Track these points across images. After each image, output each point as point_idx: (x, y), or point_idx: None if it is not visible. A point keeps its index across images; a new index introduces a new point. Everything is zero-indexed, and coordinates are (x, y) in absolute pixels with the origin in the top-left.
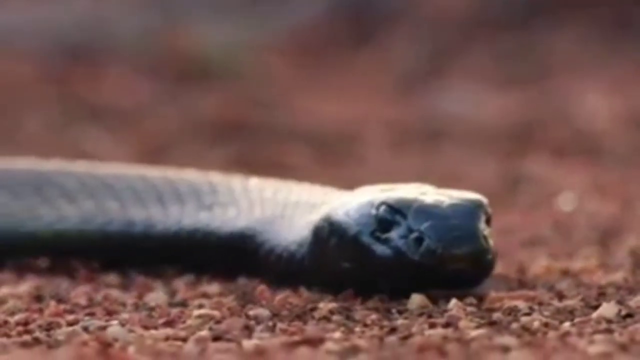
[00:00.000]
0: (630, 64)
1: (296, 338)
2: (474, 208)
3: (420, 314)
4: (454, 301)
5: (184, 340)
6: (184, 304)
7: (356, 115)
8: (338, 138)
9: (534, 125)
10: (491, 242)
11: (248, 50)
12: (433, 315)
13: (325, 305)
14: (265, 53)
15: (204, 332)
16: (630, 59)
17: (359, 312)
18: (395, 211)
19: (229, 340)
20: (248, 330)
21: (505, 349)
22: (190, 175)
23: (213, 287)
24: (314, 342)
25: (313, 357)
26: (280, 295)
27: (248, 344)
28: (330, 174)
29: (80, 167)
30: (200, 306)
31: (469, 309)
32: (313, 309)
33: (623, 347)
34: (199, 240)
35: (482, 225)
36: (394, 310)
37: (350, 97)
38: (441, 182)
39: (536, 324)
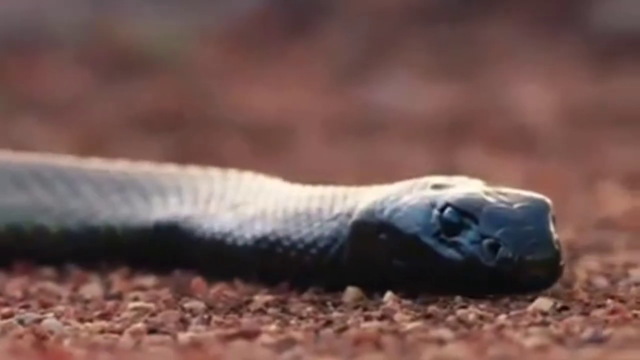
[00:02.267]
0: (566, 56)
1: (232, 331)
2: (544, 211)
3: (356, 307)
4: (389, 294)
5: (120, 333)
6: (119, 296)
7: (292, 106)
8: (274, 129)
9: (469, 117)
10: (560, 245)
11: (185, 41)
12: (368, 308)
13: (261, 298)
14: (202, 44)
15: (140, 325)
16: (566, 51)
17: (295, 304)
18: (463, 214)
19: (164, 332)
20: (183, 323)
21: (441, 342)
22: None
23: (148, 280)
24: (250, 335)
25: (249, 349)
26: (216, 288)
27: (183, 336)
28: (266, 165)
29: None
30: (136, 299)
31: (404, 301)
32: (248, 302)
33: (559, 340)
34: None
35: (553, 228)
36: (329, 303)
37: (287, 88)
38: (378, 173)
39: (472, 316)
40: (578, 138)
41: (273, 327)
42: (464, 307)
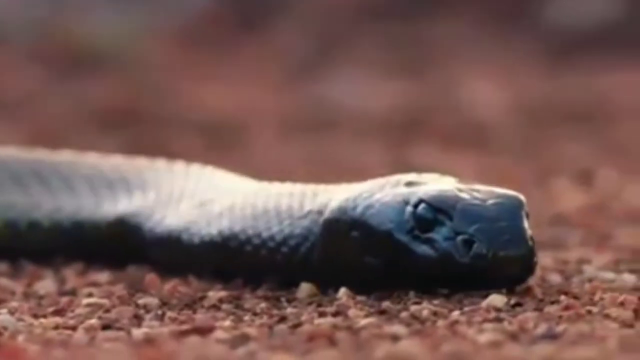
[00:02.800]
0: (519, 53)
1: (186, 327)
2: (518, 207)
3: (310, 303)
4: (343, 290)
5: (74, 329)
6: (73, 292)
7: (245, 103)
8: (227, 126)
9: (422, 114)
10: (534, 242)
11: (138, 38)
12: (322, 304)
13: (215, 294)
14: (155, 41)
15: (94, 321)
16: (518, 48)
17: (249, 300)
18: (437, 210)
19: (118, 328)
20: (137, 319)
21: (395, 338)
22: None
23: (103, 276)
24: (204, 331)
25: (203, 345)
26: (170, 284)
27: (137, 332)
28: (219, 162)
29: None
30: (90, 295)
31: (359, 297)
32: (202, 298)
33: (513, 336)
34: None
35: (526, 225)
36: (283, 299)
37: (240, 86)
38: (331, 170)
39: (425, 312)
40: (531, 134)
41: (227, 323)
42: (417, 303)
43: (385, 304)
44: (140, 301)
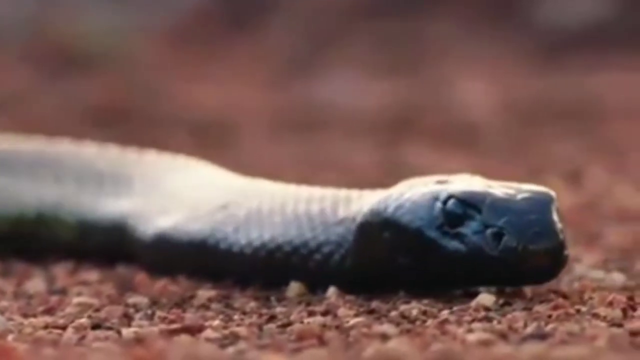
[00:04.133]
0: (510, 52)
1: (175, 326)
2: (548, 201)
3: (299, 302)
4: (332, 289)
5: (63, 328)
6: (63, 291)
7: (236, 102)
8: (218, 125)
9: (413, 113)
10: (564, 234)
11: (129, 37)
12: (312, 303)
13: (204, 293)
14: (146, 40)
15: (84, 320)
16: (509, 47)
17: (238, 300)
18: (467, 205)
19: (108, 328)
20: (127, 318)
21: (384, 337)
22: None
23: (92, 275)
24: (193, 330)
25: (192, 345)
26: (159, 283)
27: (127, 331)
28: (210, 160)
29: None
30: (80, 294)
31: (348, 296)
32: (192, 297)
33: (502, 335)
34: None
35: (557, 218)
36: (272, 298)
37: (231, 85)
38: (322, 169)
39: (415, 311)
40: (521, 133)
41: (217, 322)
42: (407, 302)
43: (375, 303)
44: (130, 300)
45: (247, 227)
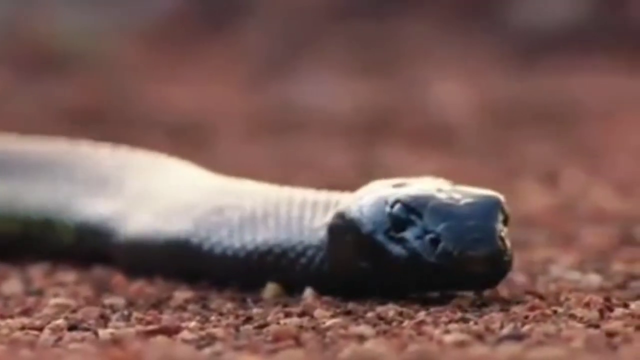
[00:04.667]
0: (486, 54)
1: (152, 327)
2: (491, 207)
3: (276, 303)
4: (309, 290)
5: (40, 329)
6: (40, 292)
7: (212, 104)
8: (194, 126)
9: (389, 115)
10: (508, 242)
11: (105, 38)
12: (288, 304)
13: (181, 294)
14: (122, 41)
15: (60, 321)
16: (485, 49)
17: (215, 301)
18: (410, 210)
19: (85, 329)
20: (104, 319)
21: (361, 338)
22: None
23: (69, 276)
24: (170, 331)
25: (169, 346)
26: (136, 285)
27: (104, 333)
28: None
29: None
30: (57, 295)
31: (324, 298)
32: (169, 298)
33: (478, 336)
34: None
35: (499, 225)
36: (249, 300)
37: (207, 86)
38: (297, 171)
39: (391, 312)
40: (497, 135)
41: (193, 323)
42: (383, 303)
43: (351, 305)
44: (107, 301)
45: (241, 230)
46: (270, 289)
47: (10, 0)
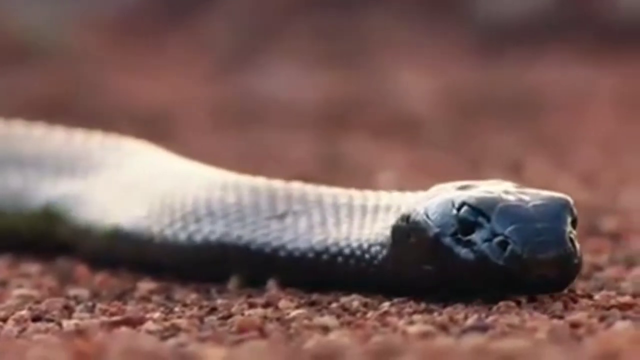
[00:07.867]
0: (449, 45)
1: (116, 318)
2: (560, 209)
3: (240, 294)
4: (272, 281)
5: (4, 320)
6: (3, 283)
7: (176, 95)
8: (158, 118)
9: (353, 106)
10: (577, 245)
11: (70, 29)
12: (253, 295)
13: (145, 286)
14: (86, 32)
15: (24, 312)
16: (449, 40)
17: (179, 292)
18: (478, 212)
19: (48, 320)
20: (68, 310)
21: (325, 329)
22: None
23: (33, 267)
24: (134, 322)
25: (133, 337)
26: (100, 276)
27: (68, 324)
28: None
29: None
30: (20, 286)
31: (289, 289)
32: (133, 289)
33: (442, 327)
34: None
35: (568, 227)
36: (213, 290)
37: (171, 77)
38: (261, 162)
39: (355, 303)
40: (461, 126)
41: (157, 314)
42: (347, 294)
43: (315, 296)
44: (71, 292)
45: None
46: (235, 280)
47: None
